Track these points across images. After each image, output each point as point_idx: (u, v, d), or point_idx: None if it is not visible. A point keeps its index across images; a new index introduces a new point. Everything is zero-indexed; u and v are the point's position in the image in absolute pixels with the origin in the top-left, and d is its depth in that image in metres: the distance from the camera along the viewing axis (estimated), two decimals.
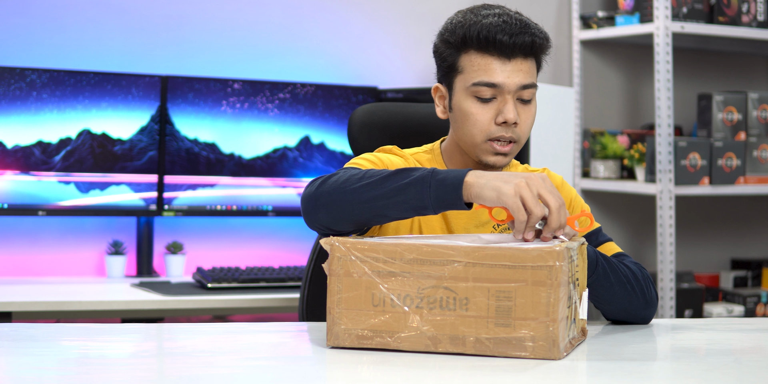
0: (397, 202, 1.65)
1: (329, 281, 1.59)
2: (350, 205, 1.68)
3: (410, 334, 1.56)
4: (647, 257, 4.18)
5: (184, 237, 3.42)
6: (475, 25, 1.86)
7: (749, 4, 3.88)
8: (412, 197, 1.64)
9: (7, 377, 1.44)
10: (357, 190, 1.67)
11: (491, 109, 1.87)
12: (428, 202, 1.64)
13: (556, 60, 4.05)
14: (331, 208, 1.69)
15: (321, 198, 1.70)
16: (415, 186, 1.64)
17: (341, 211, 1.69)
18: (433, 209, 1.65)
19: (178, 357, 1.62)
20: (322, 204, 1.70)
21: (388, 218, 1.70)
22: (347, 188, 1.68)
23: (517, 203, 1.59)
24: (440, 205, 1.64)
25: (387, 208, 1.67)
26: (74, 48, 3.35)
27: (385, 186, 1.66)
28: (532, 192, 1.60)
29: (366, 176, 1.68)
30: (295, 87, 3.41)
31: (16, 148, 3.12)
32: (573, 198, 2.01)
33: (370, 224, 1.72)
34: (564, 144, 3.24)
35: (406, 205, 1.66)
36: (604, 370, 1.52)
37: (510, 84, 1.86)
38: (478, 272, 1.53)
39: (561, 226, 1.61)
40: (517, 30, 1.86)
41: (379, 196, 1.66)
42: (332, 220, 1.70)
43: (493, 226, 1.93)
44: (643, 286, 1.88)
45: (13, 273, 3.26)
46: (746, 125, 3.85)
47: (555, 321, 1.51)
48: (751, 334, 1.88)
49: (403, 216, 1.68)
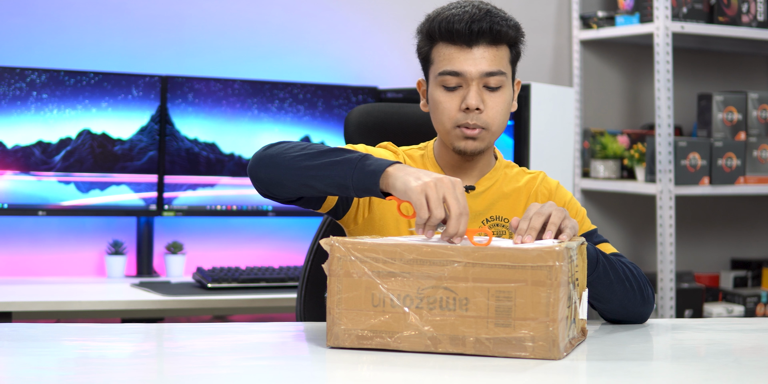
0: (324, 175, 1.75)
1: (329, 281, 1.59)
2: (284, 170, 1.79)
3: (410, 334, 1.56)
4: (647, 257, 4.18)
5: (184, 237, 3.42)
6: (438, 17, 1.94)
7: (749, 4, 3.88)
8: (337, 175, 1.73)
9: (7, 377, 1.44)
10: (295, 158, 1.78)
11: (457, 97, 1.93)
12: (350, 182, 1.72)
13: (556, 60, 4.06)
14: (269, 169, 1.81)
15: (264, 159, 1.82)
16: (343, 165, 1.73)
17: (276, 174, 1.80)
18: (354, 191, 1.72)
19: (178, 357, 1.62)
20: (263, 164, 1.82)
21: (315, 189, 1.78)
22: (287, 154, 1.79)
23: (421, 200, 1.63)
24: (360, 188, 1.72)
25: (314, 180, 1.76)
26: (74, 48, 3.35)
27: (318, 159, 1.76)
28: (437, 193, 1.63)
29: (308, 148, 1.79)
30: (295, 87, 3.41)
31: (16, 148, 3.12)
32: (567, 202, 2.02)
33: (299, 193, 1.81)
34: (564, 144, 3.24)
35: (330, 181, 1.74)
36: (604, 370, 1.52)
37: (472, 71, 1.91)
38: (478, 272, 1.53)
39: (458, 234, 1.62)
40: (477, 18, 1.91)
41: (310, 167, 1.76)
42: (268, 181, 1.82)
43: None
44: (641, 284, 1.90)
45: (13, 273, 3.26)
46: (746, 125, 3.86)
47: (555, 321, 1.51)
48: (751, 334, 1.89)
49: (328, 191, 1.77)
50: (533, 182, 2.03)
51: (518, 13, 3.98)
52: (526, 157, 3.13)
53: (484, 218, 1.98)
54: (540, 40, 4.03)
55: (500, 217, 1.98)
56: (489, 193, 2.00)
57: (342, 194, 1.76)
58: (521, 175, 2.04)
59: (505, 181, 2.02)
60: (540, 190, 2.02)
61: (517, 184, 2.02)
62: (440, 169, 2.01)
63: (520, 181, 2.03)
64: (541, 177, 2.04)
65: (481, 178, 2.00)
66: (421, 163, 2.02)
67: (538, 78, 3.96)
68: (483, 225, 1.97)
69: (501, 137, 3.12)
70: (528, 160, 3.12)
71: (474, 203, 1.97)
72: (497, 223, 1.98)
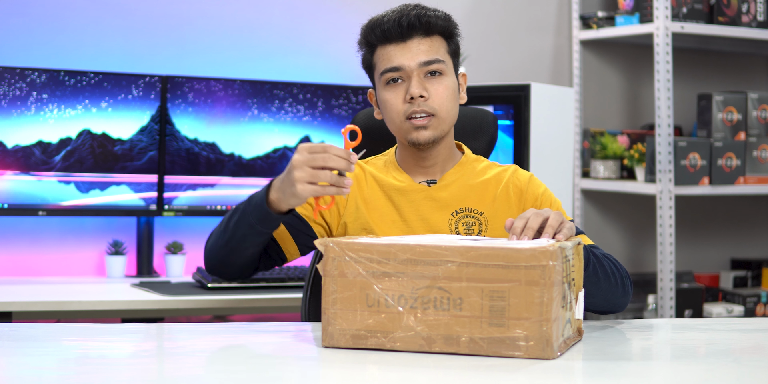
0: (240, 237, 1.88)
1: (324, 282, 1.59)
2: (219, 256, 1.93)
3: (405, 334, 1.56)
4: (647, 257, 4.19)
5: (184, 237, 3.43)
6: (371, 23, 2.01)
7: (749, 4, 3.88)
8: (244, 229, 1.87)
9: (7, 377, 1.44)
10: (216, 242, 1.92)
11: (401, 91, 1.98)
12: (257, 226, 1.85)
13: (556, 60, 4.06)
14: (214, 263, 1.95)
15: (208, 260, 1.96)
16: (242, 219, 1.86)
17: (220, 261, 1.94)
18: (266, 228, 1.85)
19: (178, 357, 1.62)
20: (210, 266, 1.96)
21: (249, 250, 1.91)
22: (213, 245, 1.93)
23: (305, 170, 1.73)
24: (266, 223, 1.85)
25: (240, 245, 1.89)
26: (74, 48, 3.36)
27: (227, 230, 1.90)
28: (306, 158, 1.74)
29: (219, 226, 1.93)
30: (295, 87, 3.42)
31: (16, 148, 3.12)
32: (541, 193, 2.04)
33: (244, 263, 1.93)
34: (564, 144, 3.24)
35: (247, 237, 1.88)
36: (600, 370, 1.52)
37: (410, 64, 1.97)
38: (472, 272, 1.53)
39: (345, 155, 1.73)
40: (405, 13, 1.98)
41: (228, 239, 1.90)
42: (222, 270, 1.95)
43: None
44: (623, 277, 1.92)
45: (13, 273, 3.27)
46: (746, 125, 3.86)
47: (548, 320, 1.51)
48: (751, 334, 1.89)
49: (257, 244, 1.89)
50: (503, 174, 2.05)
51: (518, 13, 4.01)
52: (526, 157, 3.13)
53: (454, 210, 2.01)
54: (540, 40, 4.03)
55: (469, 208, 2.02)
56: (456, 185, 2.03)
57: (265, 237, 1.87)
58: (490, 168, 2.07)
59: (473, 174, 2.05)
60: (512, 181, 2.04)
61: (485, 176, 2.05)
62: (402, 171, 2.05)
63: (489, 173, 2.06)
64: (512, 170, 2.06)
65: (446, 173, 2.04)
66: (384, 169, 2.07)
67: (538, 78, 3.96)
68: (453, 216, 2.01)
69: (501, 137, 3.13)
70: (528, 160, 3.12)
71: (441, 195, 2.02)
72: (466, 215, 2.01)
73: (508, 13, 3.95)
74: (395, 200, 2.02)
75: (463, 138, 2.25)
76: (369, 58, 2.03)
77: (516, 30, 3.98)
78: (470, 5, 3.87)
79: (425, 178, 2.04)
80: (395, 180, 2.04)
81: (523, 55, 4.00)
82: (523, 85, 3.15)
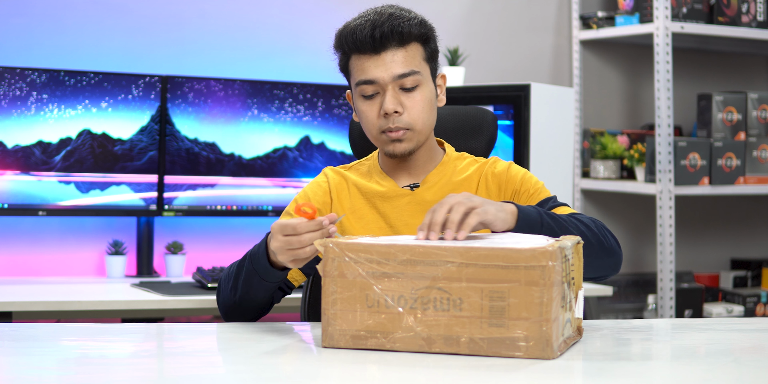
0: (253, 292, 1.90)
1: (324, 282, 1.59)
2: (237, 312, 1.95)
3: (404, 334, 1.56)
4: (647, 257, 4.19)
5: (184, 237, 3.43)
6: (345, 31, 1.98)
7: (749, 4, 3.88)
8: (255, 284, 1.88)
9: (7, 377, 1.44)
10: (229, 298, 1.94)
11: (376, 104, 1.96)
12: (264, 282, 1.87)
13: (556, 60, 4.06)
14: (229, 313, 1.96)
15: (225, 315, 1.98)
16: (249, 278, 1.88)
17: (239, 315, 1.95)
18: (274, 280, 1.87)
19: (178, 357, 1.62)
20: (228, 318, 1.97)
21: (261, 296, 1.92)
22: (227, 301, 1.95)
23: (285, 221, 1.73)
24: (273, 276, 1.86)
25: (253, 298, 1.91)
26: (74, 48, 3.36)
27: (236, 288, 1.91)
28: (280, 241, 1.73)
29: (229, 276, 1.94)
30: (295, 87, 3.42)
31: (16, 148, 3.12)
32: (522, 175, 2.01)
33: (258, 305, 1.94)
34: (564, 144, 3.24)
35: (258, 290, 1.89)
36: (600, 370, 1.52)
37: (384, 77, 1.94)
38: (472, 273, 1.53)
39: None
40: (378, 24, 1.93)
41: (241, 297, 1.91)
42: (242, 320, 1.96)
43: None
44: (599, 236, 1.83)
45: (13, 273, 3.27)
46: (746, 125, 3.86)
47: (548, 321, 1.51)
48: (751, 334, 1.88)
49: (268, 290, 1.90)
50: (482, 168, 2.04)
51: (518, 13, 4.01)
52: (526, 157, 3.13)
53: None
54: (540, 40, 4.03)
55: None
56: (438, 186, 2.02)
57: (276, 286, 1.90)
58: (473, 164, 2.06)
59: (455, 173, 2.04)
60: (489, 172, 2.02)
61: (467, 173, 2.04)
62: (386, 175, 2.05)
63: (470, 169, 2.05)
64: (491, 161, 2.05)
65: (428, 174, 2.03)
66: (367, 175, 2.06)
67: (538, 78, 3.96)
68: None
69: (501, 137, 3.13)
70: (528, 160, 3.12)
71: (425, 198, 2.01)
72: None
73: (508, 13, 3.95)
74: (380, 207, 2.01)
75: (463, 138, 2.25)
76: (344, 64, 2.00)
77: (516, 30, 3.98)
78: (470, 5, 3.86)
79: (409, 181, 2.03)
80: (379, 185, 2.03)
81: (523, 55, 4.01)
82: (523, 85, 3.15)
